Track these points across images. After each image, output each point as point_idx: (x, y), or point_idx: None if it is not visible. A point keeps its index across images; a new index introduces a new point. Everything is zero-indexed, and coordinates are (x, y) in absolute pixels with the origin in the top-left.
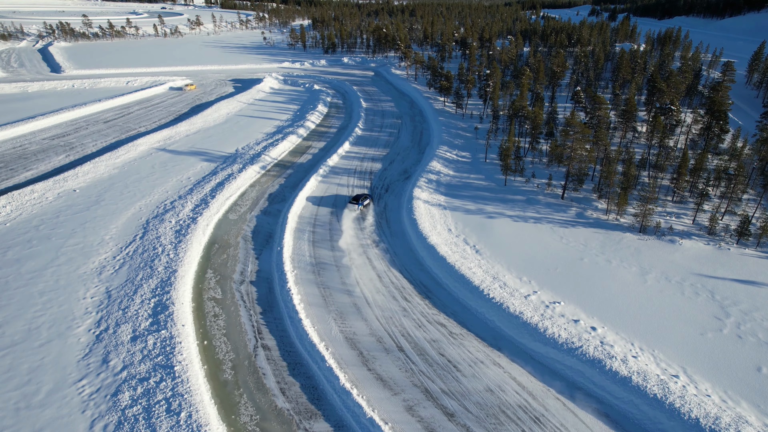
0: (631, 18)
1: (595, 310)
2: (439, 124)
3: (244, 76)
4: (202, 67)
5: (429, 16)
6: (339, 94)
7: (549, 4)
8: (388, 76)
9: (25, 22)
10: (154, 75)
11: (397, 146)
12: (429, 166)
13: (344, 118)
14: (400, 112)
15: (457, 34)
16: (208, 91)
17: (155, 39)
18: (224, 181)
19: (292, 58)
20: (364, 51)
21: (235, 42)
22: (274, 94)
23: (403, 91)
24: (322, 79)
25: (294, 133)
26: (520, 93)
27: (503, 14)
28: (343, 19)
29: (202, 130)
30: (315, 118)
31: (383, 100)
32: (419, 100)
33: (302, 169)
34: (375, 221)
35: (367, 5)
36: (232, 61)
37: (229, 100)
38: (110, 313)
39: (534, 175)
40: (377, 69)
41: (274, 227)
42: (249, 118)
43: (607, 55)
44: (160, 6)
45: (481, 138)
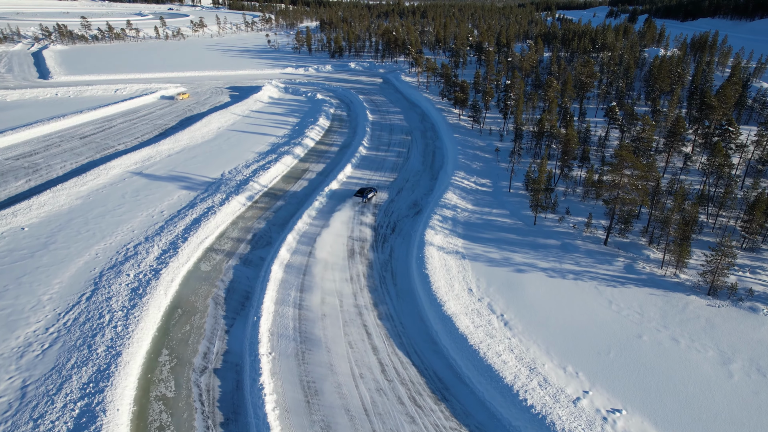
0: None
1: (673, 426)
2: (454, 143)
3: (243, 83)
4: (199, 73)
5: (441, 18)
6: (343, 105)
7: (564, 5)
8: (398, 84)
9: (24, 24)
10: (148, 82)
11: (406, 170)
12: (443, 199)
13: (348, 133)
14: (410, 127)
15: (472, 38)
16: (201, 100)
17: (156, 42)
18: (202, 216)
19: (296, 63)
20: (373, 55)
21: (238, 45)
22: (272, 105)
23: (414, 101)
24: (326, 86)
25: (290, 152)
26: (549, 108)
27: (518, 16)
28: (352, 20)
29: (187, 148)
30: (315, 134)
31: (391, 111)
32: (431, 113)
33: (295, 199)
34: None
35: (377, 6)
36: (233, 66)
37: (222, 112)
38: (15, 430)
39: (568, 211)
40: (386, 75)
41: (253, 284)
42: (241, 134)
43: (637, 62)
44: (167, 7)
45: (503, 161)
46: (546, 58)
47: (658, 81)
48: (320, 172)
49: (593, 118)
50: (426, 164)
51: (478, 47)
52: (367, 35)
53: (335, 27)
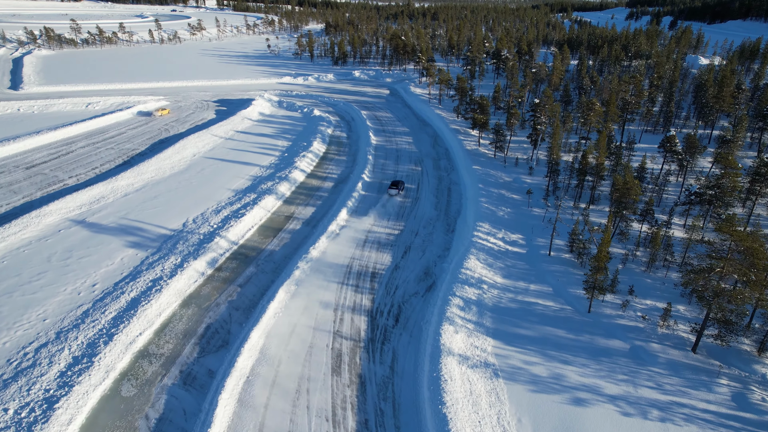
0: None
1: None
2: (474, 177)
3: (234, 95)
4: (188, 83)
5: (452, 20)
6: (344, 123)
7: (579, 7)
8: (406, 97)
9: (14, 27)
10: (129, 93)
11: (415, 217)
12: (464, 268)
13: (346, 162)
14: (420, 154)
15: (488, 44)
16: (182, 117)
17: (150, 46)
18: (142, 296)
19: (296, 71)
20: (380, 62)
21: (237, 50)
22: (261, 124)
23: (424, 118)
24: (325, 99)
25: (273, 190)
26: (598, 141)
27: (533, 18)
28: (359, 23)
29: (150, 184)
30: (307, 164)
31: (398, 132)
32: (445, 135)
33: (271, 265)
34: None
35: (386, 8)
36: (226, 75)
37: (202, 133)
38: None
39: (632, 290)
40: (393, 86)
41: (191, 426)
42: (219, 164)
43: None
44: (170, 9)
45: (536, 204)
46: (571, 68)
47: (718, 100)
48: (307, 220)
49: (637, 144)
50: (440, 208)
51: (496, 55)
52: (374, 39)
53: (341, 30)
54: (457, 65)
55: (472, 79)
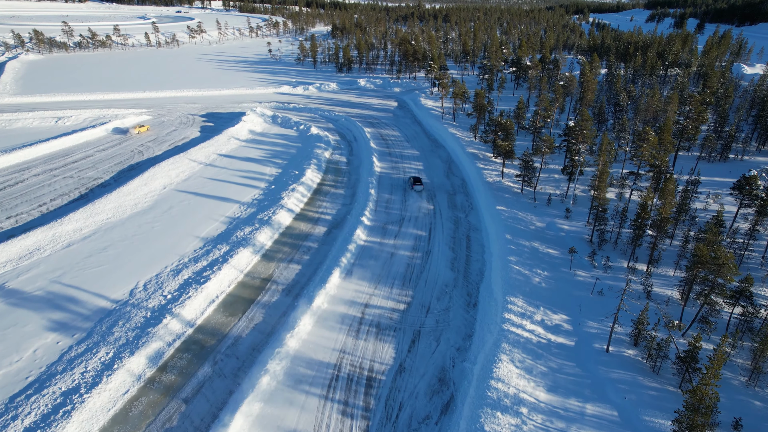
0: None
1: None
2: (499, 222)
3: (225, 107)
4: (176, 93)
5: (465, 22)
6: (344, 144)
7: (595, 8)
8: (416, 111)
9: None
10: (109, 106)
11: (426, 281)
12: (494, 380)
13: (344, 196)
14: (432, 185)
15: (506, 50)
16: (162, 135)
17: (146, 50)
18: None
19: (296, 79)
20: (388, 69)
21: (237, 54)
22: (250, 145)
23: (437, 138)
24: (326, 114)
25: (251, 240)
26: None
27: (549, 20)
28: (368, 25)
29: (102, 230)
30: (296, 200)
31: (407, 156)
32: (461, 160)
33: (232, 361)
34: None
35: (396, 9)
36: (220, 83)
37: (180, 157)
38: None
39: (739, 424)
40: (402, 98)
41: None
42: (192, 199)
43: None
44: (175, 10)
45: (581, 265)
46: (600, 79)
47: None
48: (289, 287)
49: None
50: (458, 267)
51: (517, 63)
52: (383, 44)
53: (348, 33)
54: (471, 73)
55: (489, 90)
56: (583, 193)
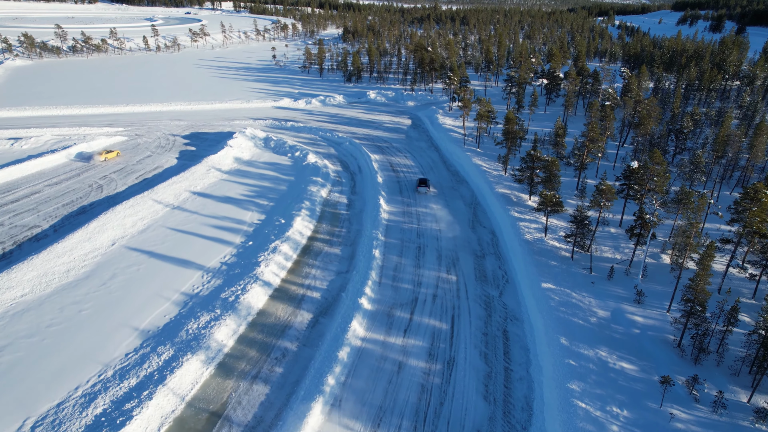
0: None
1: None
2: (548, 312)
3: (214, 125)
4: (162, 107)
5: (484, 24)
6: (346, 177)
7: (619, 10)
8: (434, 132)
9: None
10: (81, 124)
11: (446, 423)
12: None
13: (340, 258)
14: (453, 241)
15: (535, 59)
16: (132, 164)
17: (143, 55)
18: None
19: (299, 89)
20: (401, 78)
21: (239, 59)
22: (232, 180)
23: (458, 169)
24: (328, 135)
25: (205, 340)
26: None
27: (573, 23)
28: (381, 28)
29: (6, 315)
30: (276, 267)
31: (423, 196)
32: (489, 204)
33: None
34: None
35: (411, 11)
36: (213, 96)
37: (144, 197)
38: None
39: None
40: (417, 114)
41: None
42: (145, 262)
43: None
44: (184, 11)
45: (678, 401)
46: (647, 95)
47: None
48: (249, 427)
49: None
50: (493, 396)
51: (550, 75)
52: (396, 49)
53: (359, 36)
54: (495, 84)
55: (519, 108)
56: (652, 258)
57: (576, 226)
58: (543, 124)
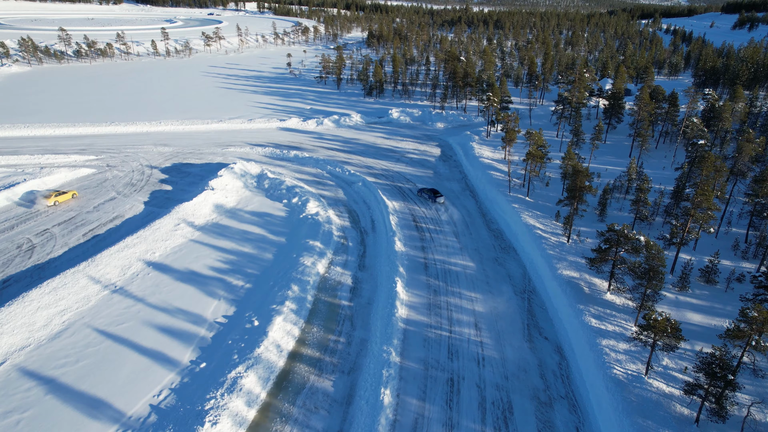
0: None
1: None
2: None
3: (203, 153)
4: (150, 128)
5: (520, 28)
6: (354, 239)
7: (664, 13)
8: (469, 169)
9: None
10: (50, 149)
11: None
12: None
13: (329, 406)
14: (505, 384)
15: (589, 74)
16: (86, 211)
17: (151, 60)
18: None
19: (312, 105)
20: (429, 93)
21: (253, 66)
22: (204, 241)
23: (503, 232)
24: (337, 172)
25: None
26: None
27: (617, 28)
28: (408, 32)
29: None
30: (232, 421)
31: (453, 274)
32: (551, 298)
33: None
34: None
35: (441, 13)
36: (212, 112)
37: (76, 272)
38: None
39: None
40: (447, 141)
41: None
42: (37, 403)
43: None
44: (207, 12)
45: None
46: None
47: None
48: None
49: None
50: None
51: (614, 97)
52: (425, 56)
53: (385, 41)
54: (541, 102)
55: (576, 140)
56: None
57: (707, 378)
58: (604, 159)
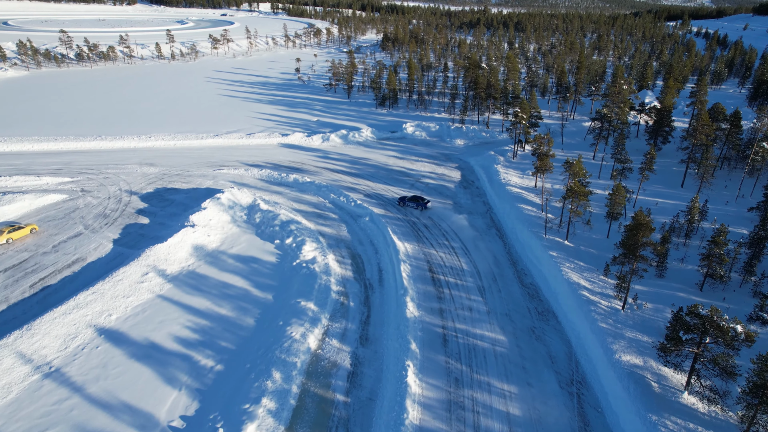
0: None
1: None
2: None
3: (191, 176)
4: (137, 143)
5: (542, 31)
6: (356, 294)
7: (691, 14)
8: (494, 200)
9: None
10: (22, 169)
11: None
12: None
13: None
14: None
15: (627, 86)
16: (41, 252)
17: (155, 64)
18: None
19: (318, 117)
20: (448, 103)
21: (259, 71)
22: (174, 298)
23: (539, 288)
24: (341, 202)
25: None
26: None
27: (645, 31)
28: (425, 35)
29: None
30: None
31: (480, 351)
32: (612, 404)
33: None
34: None
35: (459, 14)
36: (209, 125)
37: (4, 345)
38: None
39: None
40: (468, 161)
41: None
42: None
43: None
44: (220, 13)
45: None
46: None
47: None
48: None
49: None
50: None
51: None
52: (442, 62)
53: (401, 44)
54: (571, 116)
55: (622, 170)
56: None
57: None
58: (653, 189)
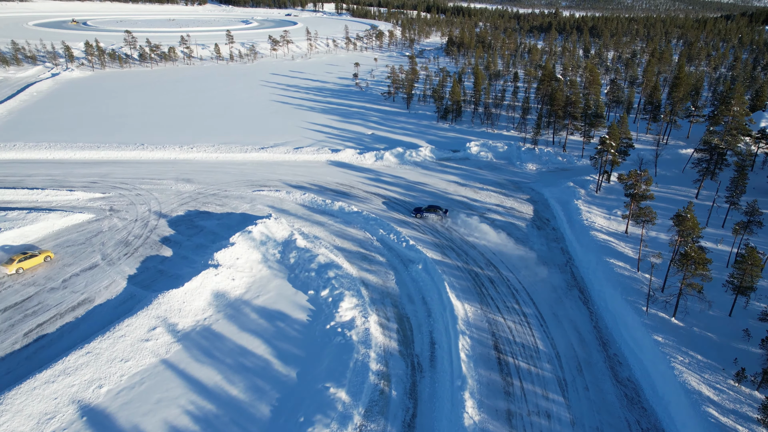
0: None
1: None
2: None
3: (227, 197)
4: (177, 154)
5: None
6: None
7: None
8: (574, 246)
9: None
10: (57, 181)
11: None
12: None
13: None
14: None
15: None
16: (48, 288)
17: (213, 65)
18: None
19: (373, 130)
20: (519, 118)
21: (317, 75)
22: (180, 365)
23: (643, 388)
24: (392, 241)
25: None
26: None
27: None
28: (492, 39)
29: None
30: None
31: None
32: None
33: None
34: None
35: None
36: (256, 135)
37: None
38: None
39: None
40: (542, 192)
41: None
42: None
43: None
44: (285, 13)
45: None
46: None
47: None
48: None
49: None
50: None
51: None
52: (512, 72)
53: (466, 49)
54: (663, 140)
55: (748, 224)
56: None
57: None
58: None
